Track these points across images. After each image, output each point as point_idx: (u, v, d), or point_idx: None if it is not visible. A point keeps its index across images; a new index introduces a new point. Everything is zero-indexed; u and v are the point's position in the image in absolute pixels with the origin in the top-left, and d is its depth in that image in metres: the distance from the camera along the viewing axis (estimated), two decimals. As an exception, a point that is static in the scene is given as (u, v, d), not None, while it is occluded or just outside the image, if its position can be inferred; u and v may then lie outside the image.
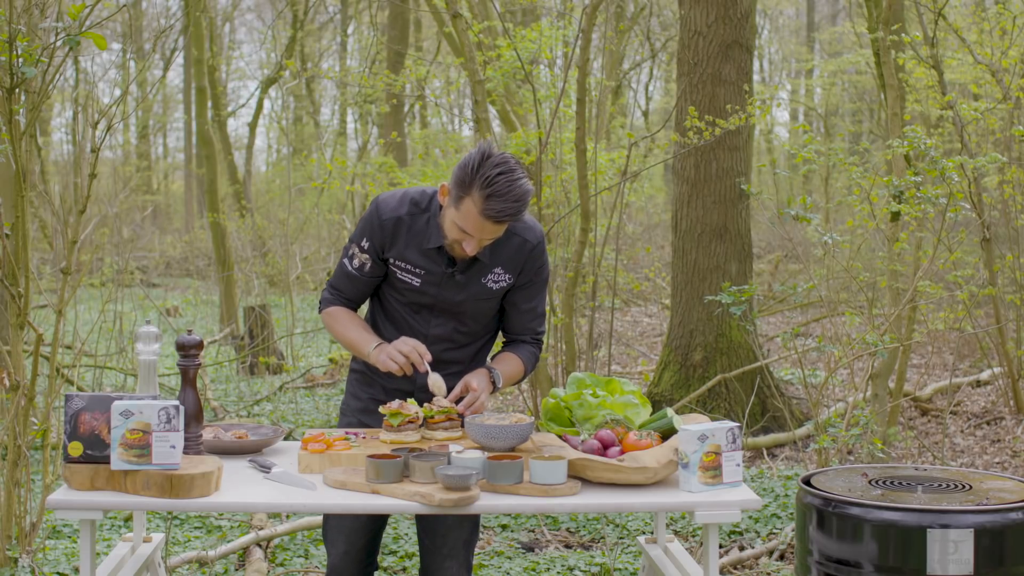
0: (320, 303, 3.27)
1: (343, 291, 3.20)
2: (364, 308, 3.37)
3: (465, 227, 2.91)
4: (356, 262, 3.13)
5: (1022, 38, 7.87)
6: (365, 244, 3.11)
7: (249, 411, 7.91)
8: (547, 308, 6.94)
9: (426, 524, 3.21)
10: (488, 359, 3.28)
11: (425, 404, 3.04)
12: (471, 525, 3.21)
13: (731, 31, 7.07)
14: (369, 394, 3.23)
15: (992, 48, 8.05)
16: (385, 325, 3.20)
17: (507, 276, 3.11)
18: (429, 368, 3.01)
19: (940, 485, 3.03)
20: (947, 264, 7.32)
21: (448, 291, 3.09)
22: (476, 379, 3.07)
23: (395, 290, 3.15)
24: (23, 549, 4.48)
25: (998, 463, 6.44)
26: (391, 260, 3.10)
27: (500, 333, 3.32)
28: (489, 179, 2.83)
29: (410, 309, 3.15)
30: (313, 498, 2.61)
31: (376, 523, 3.23)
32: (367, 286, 3.19)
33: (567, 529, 5.26)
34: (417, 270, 3.08)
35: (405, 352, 2.99)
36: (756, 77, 14.32)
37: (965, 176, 6.74)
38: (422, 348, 3.01)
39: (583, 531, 5.22)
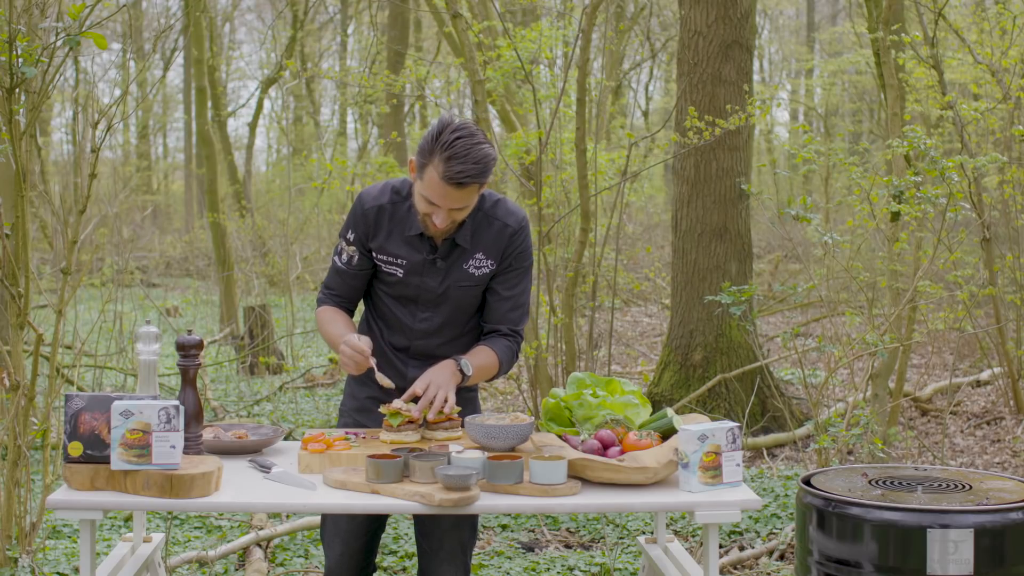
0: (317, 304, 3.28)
1: (335, 288, 3.21)
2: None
3: (431, 197, 2.90)
4: (344, 256, 3.14)
5: (1022, 38, 7.86)
6: (351, 236, 3.12)
7: (249, 411, 7.91)
8: (547, 309, 6.94)
9: (423, 527, 3.20)
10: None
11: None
12: (469, 528, 3.19)
13: (731, 31, 7.07)
14: (366, 394, 3.23)
15: (992, 48, 8.05)
16: (376, 322, 3.22)
17: (489, 262, 3.10)
18: (375, 367, 2.98)
19: (940, 485, 3.03)
20: (947, 264, 7.32)
21: (431, 279, 3.09)
22: (434, 374, 2.99)
23: (384, 283, 3.15)
24: (23, 549, 4.48)
25: (998, 463, 6.44)
26: (375, 253, 3.11)
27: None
28: (448, 143, 2.84)
29: (398, 303, 3.15)
30: (313, 498, 2.61)
31: (373, 525, 3.21)
32: (357, 280, 3.18)
33: (567, 529, 5.26)
34: (399, 260, 3.08)
35: (348, 355, 2.95)
36: (756, 77, 14.32)
37: (965, 176, 6.74)
38: (362, 346, 2.94)
39: (583, 531, 5.22)
